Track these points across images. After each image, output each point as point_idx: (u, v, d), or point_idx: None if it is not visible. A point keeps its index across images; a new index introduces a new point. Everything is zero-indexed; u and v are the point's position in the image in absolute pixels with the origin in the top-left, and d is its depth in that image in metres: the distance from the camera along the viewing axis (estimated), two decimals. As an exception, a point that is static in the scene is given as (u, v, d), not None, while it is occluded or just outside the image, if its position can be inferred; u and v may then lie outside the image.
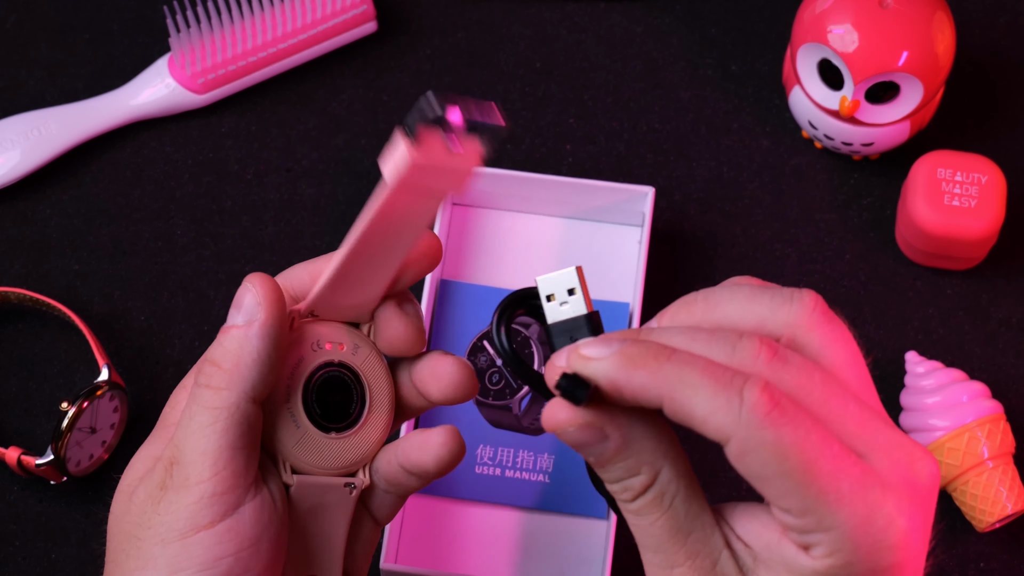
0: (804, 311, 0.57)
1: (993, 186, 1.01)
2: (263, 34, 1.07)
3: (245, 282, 0.63)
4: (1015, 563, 0.99)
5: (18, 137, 1.06)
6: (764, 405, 0.53)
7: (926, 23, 1.00)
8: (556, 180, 1.03)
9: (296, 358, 0.65)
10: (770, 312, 0.57)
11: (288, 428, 0.64)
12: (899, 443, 0.56)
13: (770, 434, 0.53)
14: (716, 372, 0.54)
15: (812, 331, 0.57)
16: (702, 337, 0.56)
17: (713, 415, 0.54)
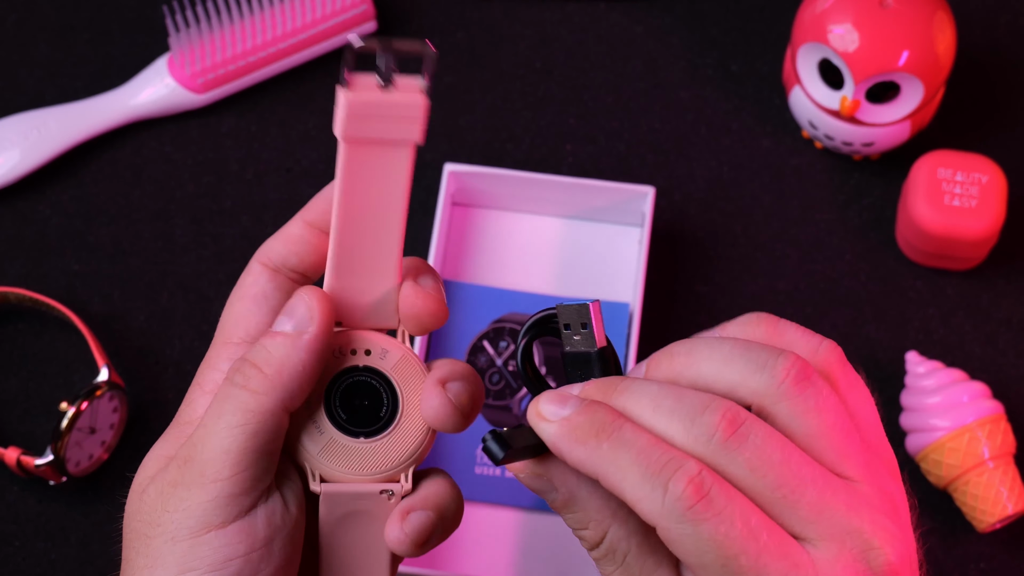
0: (774, 381, 0.56)
1: (993, 186, 1.01)
2: (263, 34, 1.07)
3: (299, 292, 0.62)
4: (1015, 563, 0.98)
5: (18, 137, 1.06)
6: (688, 499, 0.54)
7: (926, 23, 1.00)
8: (556, 180, 1.03)
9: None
10: (741, 379, 0.57)
11: (311, 435, 0.62)
12: (856, 529, 0.56)
13: (689, 528, 0.54)
14: (649, 459, 0.55)
15: (780, 402, 0.57)
16: (667, 405, 0.57)
17: (640, 502, 0.55)
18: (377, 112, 0.58)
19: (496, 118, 1.09)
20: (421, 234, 1.05)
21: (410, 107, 0.59)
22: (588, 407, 0.57)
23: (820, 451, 0.56)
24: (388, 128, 0.59)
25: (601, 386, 0.58)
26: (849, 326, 1.03)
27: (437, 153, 1.07)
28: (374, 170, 0.60)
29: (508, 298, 1.03)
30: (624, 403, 0.57)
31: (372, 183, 0.60)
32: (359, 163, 0.59)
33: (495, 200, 1.05)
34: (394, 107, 0.58)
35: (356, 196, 0.60)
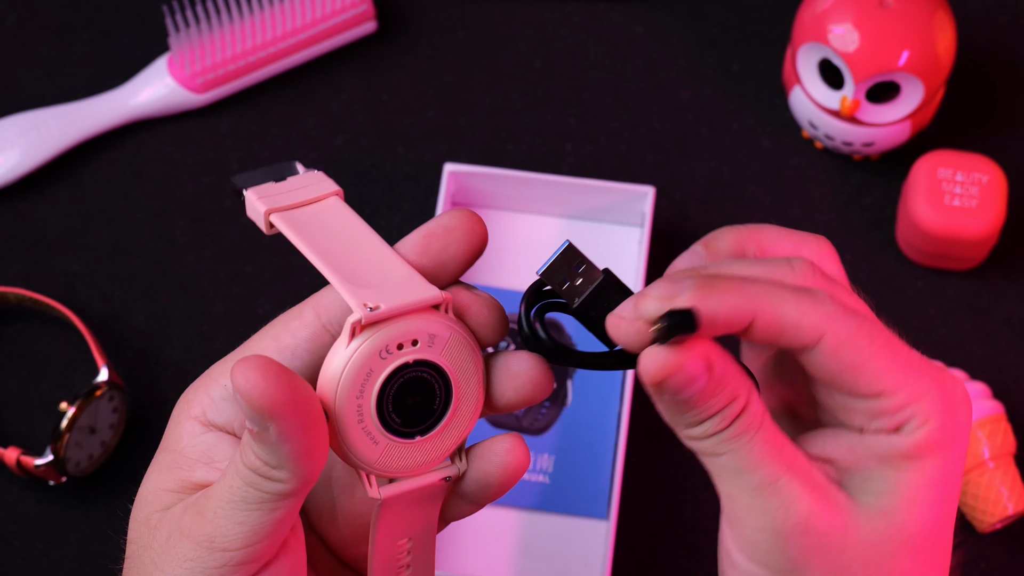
0: (821, 250, 0.59)
1: (994, 186, 1.01)
2: (263, 33, 1.07)
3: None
4: (1016, 563, 0.98)
5: (17, 137, 1.06)
6: (841, 300, 0.56)
7: (927, 23, 1.00)
8: (556, 180, 1.03)
9: (364, 372, 0.58)
10: (795, 247, 0.59)
11: (366, 447, 0.59)
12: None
13: (855, 321, 0.56)
14: (792, 284, 0.57)
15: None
16: (758, 264, 0.58)
17: (804, 316, 0.56)
18: (282, 191, 0.61)
19: (496, 118, 1.09)
20: (421, 234, 1.05)
21: (311, 177, 0.62)
22: (704, 276, 0.57)
23: None
24: (303, 194, 0.61)
25: (684, 271, 0.58)
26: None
27: (437, 153, 1.07)
28: (319, 220, 0.60)
29: (508, 298, 1.03)
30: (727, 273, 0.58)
31: (324, 229, 0.60)
32: (298, 223, 0.60)
33: (495, 200, 1.05)
34: (297, 184, 0.61)
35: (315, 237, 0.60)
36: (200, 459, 0.60)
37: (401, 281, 0.59)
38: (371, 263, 0.59)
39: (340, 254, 0.59)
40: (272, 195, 0.61)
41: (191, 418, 0.60)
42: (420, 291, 0.58)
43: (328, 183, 0.62)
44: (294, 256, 1.05)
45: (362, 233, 0.60)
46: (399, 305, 0.57)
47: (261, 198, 0.61)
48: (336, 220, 0.61)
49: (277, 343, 0.59)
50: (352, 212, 0.61)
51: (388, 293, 0.58)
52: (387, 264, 0.59)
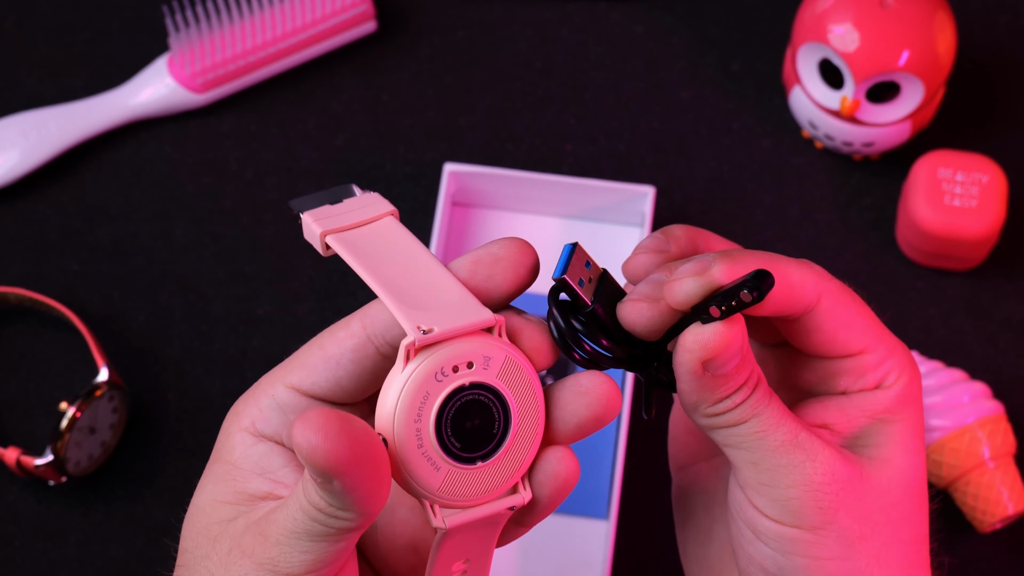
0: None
1: (994, 186, 1.01)
2: (263, 33, 1.07)
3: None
4: (1016, 563, 0.98)
5: (17, 137, 1.06)
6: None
7: (927, 22, 1.00)
8: (556, 180, 1.03)
9: (421, 396, 0.57)
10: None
11: (427, 473, 0.58)
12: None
13: (839, 285, 0.62)
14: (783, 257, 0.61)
15: None
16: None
17: (806, 277, 0.61)
18: (338, 213, 0.61)
19: (496, 118, 1.09)
20: (421, 234, 1.05)
21: (367, 199, 0.62)
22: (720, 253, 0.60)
23: None
24: (358, 215, 0.61)
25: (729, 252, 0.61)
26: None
27: (437, 153, 1.07)
28: (374, 241, 0.60)
29: (508, 298, 1.03)
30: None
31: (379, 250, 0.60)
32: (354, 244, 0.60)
33: (495, 200, 1.05)
34: (353, 206, 0.61)
35: (376, 266, 0.59)
36: (254, 470, 0.60)
37: (455, 303, 0.58)
38: (425, 284, 0.59)
39: (394, 275, 0.59)
40: (328, 217, 0.61)
41: (242, 430, 0.60)
42: (473, 314, 0.58)
43: (383, 203, 0.62)
44: (294, 256, 1.05)
45: (416, 253, 0.60)
46: (452, 328, 0.57)
47: (317, 220, 0.61)
48: (390, 240, 0.60)
49: (323, 352, 0.60)
50: (407, 232, 0.61)
51: (441, 315, 0.57)
52: (441, 285, 0.59)
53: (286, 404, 0.60)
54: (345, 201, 0.62)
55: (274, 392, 0.60)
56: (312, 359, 0.60)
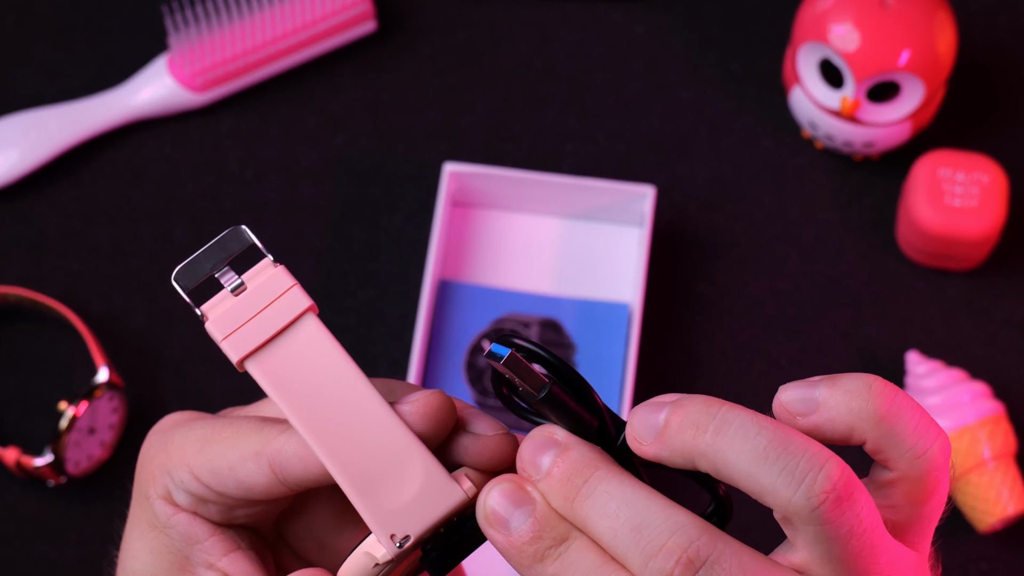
0: (808, 502, 0.51)
1: (994, 186, 1.01)
2: (262, 33, 1.07)
3: None
4: (1016, 563, 0.98)
5: (17, 137, 1.06)
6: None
7: (927, 22, 1.00)
8: (556, 180, 1.03)
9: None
10: (771, 487, 0.52)
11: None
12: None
13: None
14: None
15: (809, 524, 0.52)
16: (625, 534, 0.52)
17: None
18: (247, 313, 0.54)
19: (496, 118, 1.09)
20: (421, 234, 1.05)
21: (276, 284, 0.54)
22: (536, 520, 0.53)
23: (829, 572, 0.52)
24: (273, 319, 0.54)
25: (566, 477, 0.54)
26: (850, 326, 1.03)
27: (437, 153, 1.07)
28: (298, 362, 0.54)
29: (508, 298, 1.03)
30: (585, 514, 0.53)
31: (307, 376, 0.54)
32: (278, 370, 0.54)
33: (495, 200, 1.05)
34: (259, 295, 0.54)
35: (306, 403, 0.53)
36: (182, 540, 0.58)
37: (421, 481, 0.53)
38: (379, 447, 0.53)
39: (343, 436, 0.53)
40: (235, 322, 0.54)
41: (159, 498, 0.59)
42: (445, 496, 0.53)
43: (295, 293, 0.54)
44: (293, 256, 1.05)
45: (356, 389, 0.54)
46: (429, 527, 0.53)
47: (225, 335, 0.54)
48: (322, 367, 0.54)
49: (233, 474, 0.56)
50: (334, 344, 0.54)
51: (413, 509, 0.53)
52: (397, 447, 0.54)
53: (196, 492, 0.57)
54: (247, 284, 0.54)
55: (183, 477, 0.57)
56: (222, 470, 0.56)
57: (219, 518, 0.58)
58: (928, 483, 0.54)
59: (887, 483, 0.54)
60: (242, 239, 0.55)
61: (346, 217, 1.05)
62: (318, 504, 0.61)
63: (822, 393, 0.53)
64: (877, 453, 0.54)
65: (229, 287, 0.54)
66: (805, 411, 0.53)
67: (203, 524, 0.58)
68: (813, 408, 0.53)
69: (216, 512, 0.58)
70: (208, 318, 0.54)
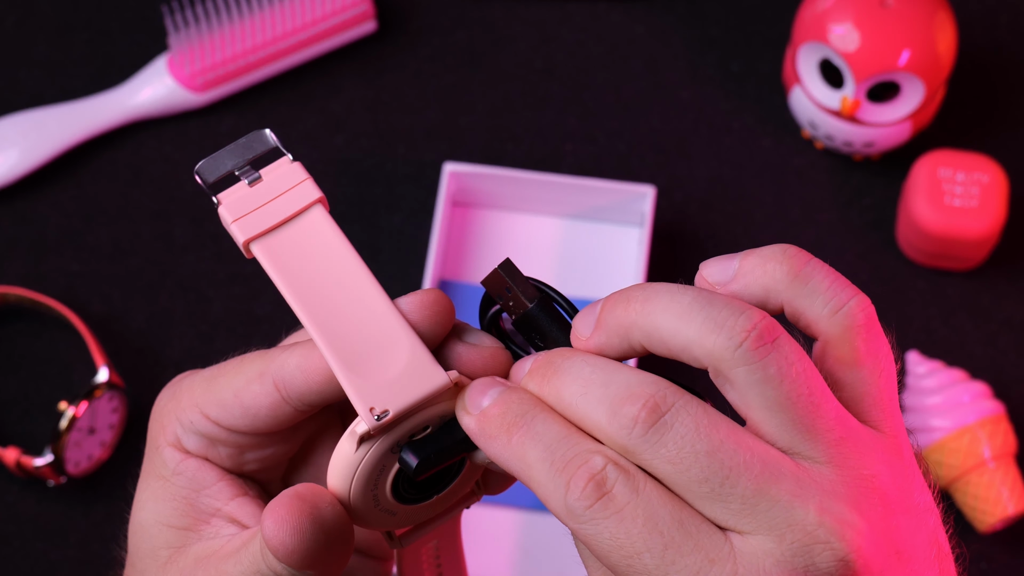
0: (731, 343, 0.52)
1: (995, 186, 1.01)
2: (262, 33, 1.07)
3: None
4: (1016, 563, 0.98)
5: (17, 137, 1.06)
6: (586, 498, 0.51)
7: (927, 22, 1.00)
8: (556, 180, 1.03)
9: (376, 471, 0.55)
10: (697, 337, 0.52)
11: (386, 521, 0.56)
12: (800, 520, 0.51)
13: (590, 528, 0.51)
14: (555, 454, 0.52)
15: (737, 367, 0.52)
16: (595, 391, 0.53)
17: (547, 500, 0.52)
18: (260, 201, 0.56)
19: (496, 118, 1.09)
20: (421, 234, 1.05)
21: (290, 177, 0.56)
22: (504, 397, 0.54)
23: (776, 426, 0.52)
24: (283, 207, 0.56)
25: (542, 365, 0.55)
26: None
27: (437, 153, 1.07)
28: (302, 248, 0.56)
29: (508, 298, 1.03)
30: (557, 387, 0.54)
31: (310, 261, 0.55)
32: (281, 254, 0.55)
33: (495, 200, 1.05)
34: (273, 186, 0.56)
35: (305, 285, 0.55)
36: (190, 486, 0.59)
37: (405, 360, 0.54)
38: (369, 326, 0.55)
39: (334, 314, 0.55)
40: (247, 208, 0.56)
41: (168, 445, 0.59)
42: (428, 378, 0.54)
43: (307, 186, 0.56)
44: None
45: (355, 274, 0.56)
46: (408, 404, 0.53)
47: (235, 218, 0.56)
48: (325, 254, 0.56)
49: (239, 400, 0.57)
50: (339, 235, 0.56)
51: (394, 386, 0.53)
52: (387, 328, 0.55)
53: (206, 432, 0.58)
54: (264, 177, 0.56)
55: (192, 418, 0.58)
56: (228, 400, 0.57)
57: (229, 463, 0.59)
58: (853, 342, 0.53)
59: (818, 357, 0.54)
60: (265, 140, 0.57)
61: (346, 217, 1.05)
62: (324, 453, 0.61)
63: (739, 262, 0.54)
64: (796, 319, 0.54)
65: (247, 180, 0.56)
66: (724, 280, 0.54)
67: (212, 469, 0.59)
68: (731, 276, 0.54)
69: (226, 456, 0.58)
70: (221, 204, 0.56)
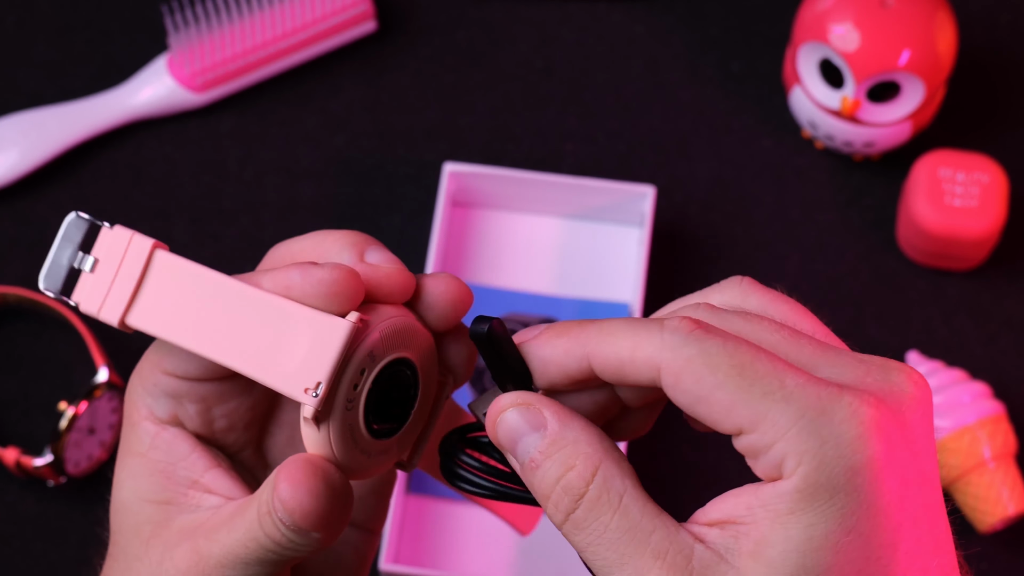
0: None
1: (995, 186, 1.01)
2: (262, 33, 1.07)
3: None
4: (1016, 563, 0.98)
5: (17, 137, 1.06)
6: (687, 326, 0.50)
7: (927, 22, 1.00)
8: (556, 180, 1.03)
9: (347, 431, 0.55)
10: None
11: (385, 457, 0.57)
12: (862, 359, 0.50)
13: (695, 347, 0.50)
14: (639, 322, 0.52)
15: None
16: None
17: (638, 348, 0.51)
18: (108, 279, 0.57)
19: (496, 118, 1.09)
20: (421, 234, 1.05)
21: (119, 243, 0.57)
22: (552, 326, 0.54)
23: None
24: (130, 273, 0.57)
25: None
26: (850, 326, 1.03)
27: (437, 153, 1.07)
28: (168, 295, 0.57)
29: (508, 298, 1.03)
30: None
31: (181, 302, 0.57)
32: (155, 312, 0.57)
33: (495, 200, 1.05)
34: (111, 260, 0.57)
35: (191, 326, 0.56)
36: (166, 459, 0.59)
37: (307, 329, 0.55)
38: (263, 323, 0.56)
39: (231, 333, 0.56)
40: (101, 293, 0.56)
41: (143, 419, 0.60)
42: (335, 333, 0.54)
43: (137, 241, 0.57)
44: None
45: (222, 288, 0.57)
46: (333, 366, 0.54)
47: (98, 307, 0.56)
48: (188, 288, 0.57)
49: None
50: (187, 264, 0.57)
51: (311, 357, 0.54)
52: (276, 314, 0.56)
53: (170, 390, 0.59)
54: (98, 256, 0.57)
55: (155, 380, 0.59)
56: (181, 350, 0.58)
57: (199, 422, 0.59)
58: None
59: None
60: (79, 224, 0.57)
61: (346, 217, 1.05)
62: (292, 411, 0.61)
63: None
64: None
65: (86, 268, 0.57)
66: None
67: (186, 439, 0.59)
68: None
69: (195, 414, 0.59)
70: (80, 303, 0.57)
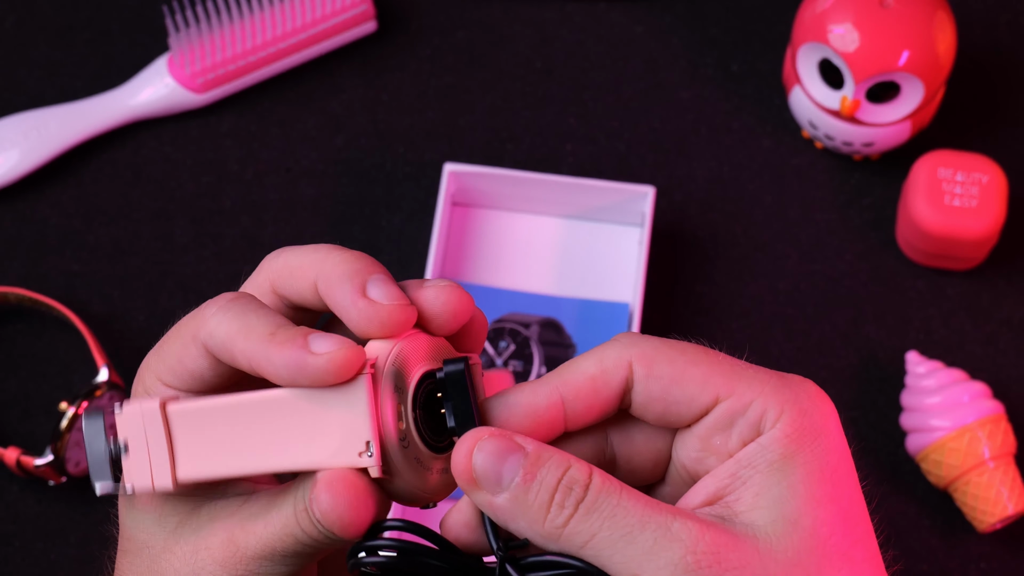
0: None
1: (994, 186, 1.01)
2: (263, 33, 1.07)
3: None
4: (1016, 563, 0.98)
5: (17, 137, 1.06)
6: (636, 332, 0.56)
7: (927, 22, 1.00)
8: (556, 180, 1.03)
9: (412, 460, 0.56)
10: None
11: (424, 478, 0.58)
12: None
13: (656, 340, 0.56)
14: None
15: None
16: None
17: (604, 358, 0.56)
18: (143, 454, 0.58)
19: (496, 118, 1.09)
20: (421, 234, 1.05)
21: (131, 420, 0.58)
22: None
23: None
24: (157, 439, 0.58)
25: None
26: (849, 326, 1.03)
27: (437, 153, 1.07)
28: (201, 441, 0.58)
29: (508, 298, 1.03)
30: None
31: (216, 441, 0.58)
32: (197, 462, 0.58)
33: (495, 200, 1.05)
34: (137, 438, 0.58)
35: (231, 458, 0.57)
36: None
37: (338, 401, 0.56)
38: (295, 417, 0.57)
39: (274, 441, 0.57)
40: (144, 469, 0.58)
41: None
42: (358, 393, 0.55)
43: (149, 409, 0.58)
44: (294, 256, 1.05)
45: (237, 408, 0.57)
46: (374, 425, 0.55)
47: (148, 485, 0.58)
48: (214, 426, 0.58)
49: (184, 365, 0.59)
50: (198, 401, 0.58)
51: (348, 424, 0.56)
52: (303, 404, 0.57)
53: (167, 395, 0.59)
54: (125, 439, 0.58)
55: (153, 387, 0.59)
56: (175, 366, 0.58)
57: None
58: None
59: None
60: (98, 421, 0.58)
61: (346, 217, 1.05)
62: None
63: None
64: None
65: (124, 454, 0.58)
66: None
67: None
68: None
69: None
70: (134, 486, 0.58)
